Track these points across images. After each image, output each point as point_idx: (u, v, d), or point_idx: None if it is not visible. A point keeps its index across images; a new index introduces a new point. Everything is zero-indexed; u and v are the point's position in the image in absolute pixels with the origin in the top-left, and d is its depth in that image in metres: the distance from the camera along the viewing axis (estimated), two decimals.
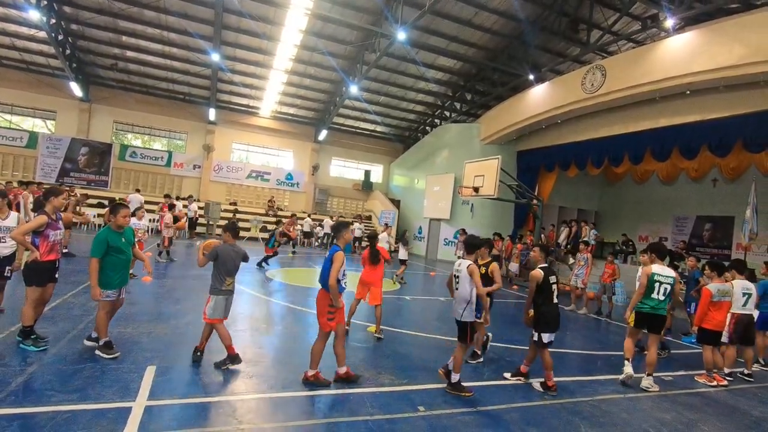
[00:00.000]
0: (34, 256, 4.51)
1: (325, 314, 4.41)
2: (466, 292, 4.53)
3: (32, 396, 3.56)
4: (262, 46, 18.75)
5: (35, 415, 3.28)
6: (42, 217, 4.57)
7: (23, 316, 4.54)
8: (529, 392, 4.90)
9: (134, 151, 23.49)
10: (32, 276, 4.54)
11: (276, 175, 26.31)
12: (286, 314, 7.58)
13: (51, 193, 4.81)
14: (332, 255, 4.32)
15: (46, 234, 4.60)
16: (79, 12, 16.99)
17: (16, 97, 21.34)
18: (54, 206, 4.73)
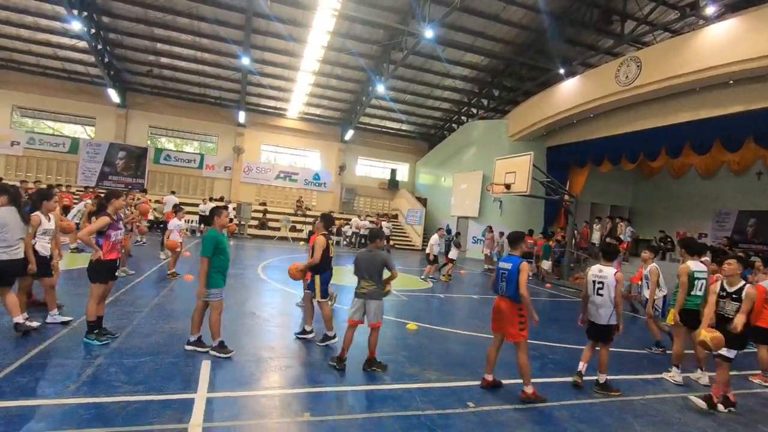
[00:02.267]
0: (98, 255, 4.72)
1: (516, 324, 4.34)
2: (611, 298, 4.65)
3: (103, 386, 3.77)
4: (290, 48, 19.04)
5: (109, 404, 3.47)
6: (105, 218, 4.79)
7: (88, 312, 4.77)
8: (576, 389, 4.84)
9: (168, 154, 24.27)
10: (96, 274, 4.77)
11: (303, 176, 26.69)
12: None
13: (112, 195, 5.02)
14: (519, 265, 4.28)
15: (108, 234, 4.83)
16: (117, 21, 17.68)
17: (59, 105, 22.38)
18: (115, 207, 4.95)
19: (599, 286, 4.77)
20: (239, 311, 6.87)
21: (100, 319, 4.90)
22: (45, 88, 21.74)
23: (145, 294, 7.49)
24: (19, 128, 22.23)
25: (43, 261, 5.17)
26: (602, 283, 4.74)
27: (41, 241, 5.19)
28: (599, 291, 4.76)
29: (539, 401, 4.31)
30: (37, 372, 3.94)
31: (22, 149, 21.71)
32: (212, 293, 4.72)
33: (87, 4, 16.26)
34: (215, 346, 4.76)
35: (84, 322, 5.00)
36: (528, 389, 4.32)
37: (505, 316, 4.40)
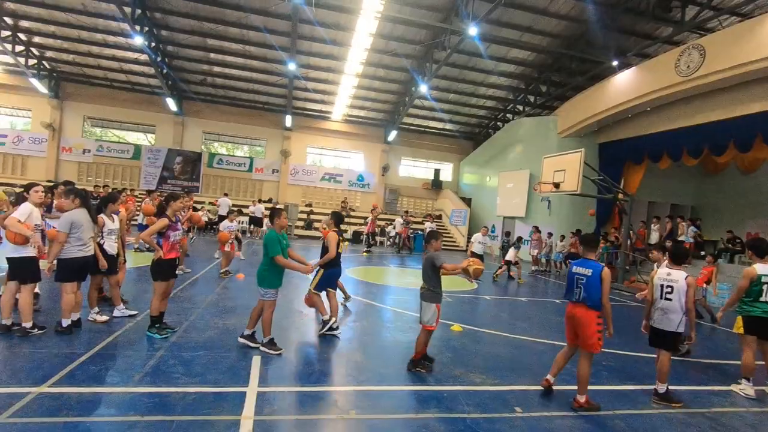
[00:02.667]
0: (159, 254, 5.03)
1: (594, 334, 4.11)
2: (681, 304, 4.47)
3: (163, 377, 4.02)
4: (334, 52, 19.40)
5: (169, 394, 3.70)
6: (164, 220, 5.08)
7: (151, 308, 5.12)
8: (634, 398, 4.59)
9: (220, 158, 25.47)
10: (157, 272, 5.09)
11: (348, 177, 27.10)
12: (368, 310, 7.78)
13: (171, 198, 5.33)
14: (601, 273, 4.11)
15: (168, 235, 5.12)
16: (174, 34, 18.79)
17: (124, 115, 24.11)
18: (174, 210, 5.24)
19: (668, 291, 4.52)
20: (287, 309, 7.09)
21: (162, 314, 5.23)
22: (112, 99, 23.49)
23: (201, 291, 7.89)
24: (89, 137, 24.16)
25: (110, 259, 5.57)
26: (671, 288, 4.50)
27: (108, 240, 5.59)
28: (667, 295, 4.52)
29: (592, 409, 4.13)
30: (106, 362, 4.27)
31: (92, 156, 23.59)
32: (268, 293, 4.89)
33: (148, 19, 17.41)
34: (265, 342, 4.92)
35: (147, 317, 5.36)
36: (581, 398, 4.15)
37: (581, 325, 4.18)
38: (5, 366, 4.00)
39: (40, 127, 22.71)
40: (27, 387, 3.55)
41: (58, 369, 3.95)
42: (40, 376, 3.77)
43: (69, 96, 23.16)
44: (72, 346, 4.59)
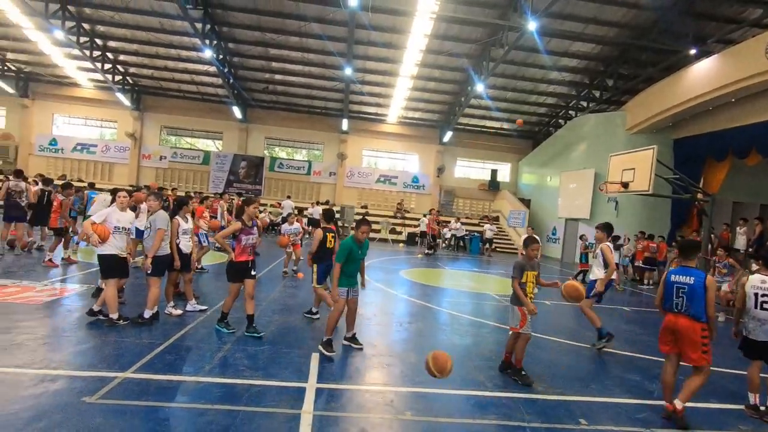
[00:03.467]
0: (230, 256, 5.24)
1: (699, 346, 3.89)
2: None
3: (230, 369, 4.26)
4: (389, 55, 19.57)
5: (235, 385, 3.92)
6: (237, 224, 5.26)
7: (224, 304, 5.42)
8: (716, 418, 4.18)
9: (281, 162, 26.61)
10: (229, 274, 5.31)
11: (403, 179, 27.19)
12: (423, 312, 7.74)
13: (247, 202, 5.44)
14: (705, 282, 3.89)
15: (240, 238, 5.24)
16: (240, 46, 19.92)
17: (195, 123, 25.95)
18: (249, 214, 5.35)
19: (764, 300, 4.13)
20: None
21: (251, 317, 5.38)
22: (184, 109, 25.37)
23: (264, 289, 8.26)
24: (165, 145, 26.23)
25: (184, 257, 5.99)
26: (765, 296, 4.12)
27: (183, 240, 6.00)
28: (764, 305, 4.13)
29: (680, 425, 3.81)
30: (180, 352, 4.61)
31: (168, 162, 25.60)
32: (338, 292, 4.99)
33: (216, 33, 18.61)
34: (324, 341, 5.00)
35: (217, 311, 5.71)
36: (679, 405, 3.84)
37: (685, 337, 3.91)
38: (96, 352, 4.45)
39: (124, 136, 25.03)
40: (114, 372, 3.92)
41: (139, 357, 4.33)
42: (125, 363, 4.15)
43: (148, 108, 25.31)
44: (151, 336, 5.00)
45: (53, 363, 4.07)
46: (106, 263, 5.27)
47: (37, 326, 5.02)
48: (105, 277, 5.35)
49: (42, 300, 6.08)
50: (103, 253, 5.25)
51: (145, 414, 3.29)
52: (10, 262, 8.54)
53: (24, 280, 7.12)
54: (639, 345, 6.55)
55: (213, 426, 3.19)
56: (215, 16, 17.81)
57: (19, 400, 3.32)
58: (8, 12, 18.14)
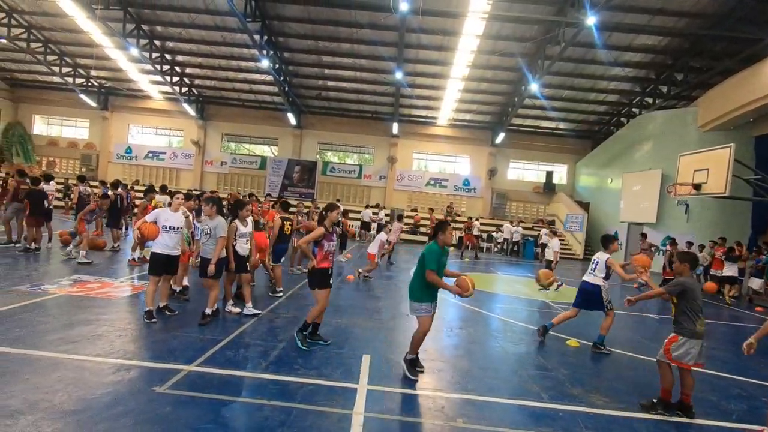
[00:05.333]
0: (312, 263, 5.05)
1: None
2: None
3: (285, 367, 4.41)
4: (440, 57, 19.46)
5: (290, 383, 4.05)
6: (320, 229, 5.04)
7: (310, 314, 5.18)
8: None
9: (333, 166, 27.24)
10: (313, 281, 5.13)
11: (453, 181, 26.88)
12: (475, 318, 7.59)
13: (328, 208, 5.23)
14: None
15: (322, 245, 5.08)
16: (294, 55, 20.69)
17: (252, 130, 27.24)
18: (330, 220, 5.16)
19: None
20: (395, 312, 7.27)
21: (317, 326, 5.25)
22: (243, 117, 26.72)
23: None
24: (225, 151, 27.73)
25: (241, 260, 6.21)
26: None
27: (240, 242, 6.19)
28: None
29: None
30: (239, 349, 4.83)
31: (228, 168, 27.05)
32: (421, 308, 4.51)
33: (273, 44, 19.45)
34: (407, 359, 4.55)
35: (269, 312, 5.91)
36: None
37: None
38: (164, 345, 4.77)
39: (189, 144, 26.79)
40: (180, 365, 4.19)
41: (202, 351, 4.59)
42: (190, 356, 4.42)
43: (211, 116, 26.91)
44: (213, 332, 5.30)
45: (128, 354, 4.43)
46: (153, 260, 5.64)
47: (115, 319, 5.48)
48: (150, 272, 5.64)
49: (119, 295, 6.63)
50: (153, 250, 5.65)
51: (208, 406, 3.49)
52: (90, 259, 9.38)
53: (103, 276, 7.80)
54: (716, 362, 6.02)
55: (269, 421, 3.32)
56: (272, 28, 18.62)
57: (101, 386, 3.64)
58: (92, 33, 20.08)
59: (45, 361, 4.00)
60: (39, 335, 4.62)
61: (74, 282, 7.11)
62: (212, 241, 5.66)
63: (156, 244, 5.63)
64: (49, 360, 4.04)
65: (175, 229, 5.71)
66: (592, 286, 6.10)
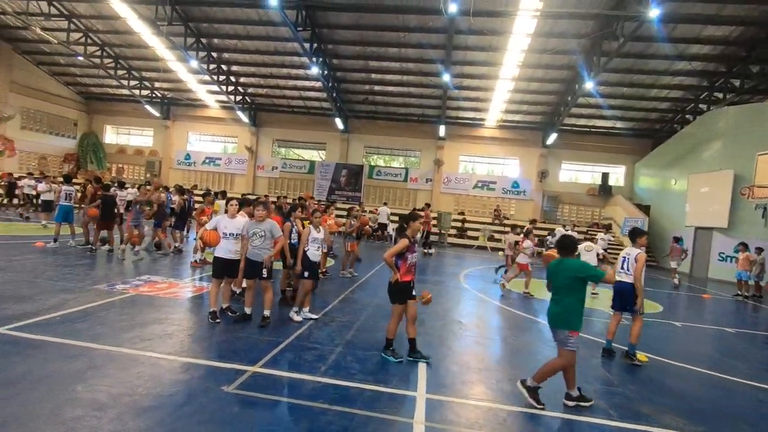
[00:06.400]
0: (395, 276, 4.82)
1: None
2: None
3: (343, 372, 4.47)
4: (489, 58, 19.12)
5: (349, 388, 4.09)
6: (404, 241, 4.83)
7: (388, 329, 5.05)
8: None
9: (379, 170, 27.46)
10: (393, 294, 4.93)
11: (501, 184, 26.26)
12: (530, 326, 7.34)
13: (410, 217, 5.02)
14: None
15: (406, 257, 4.85)
16: (342, 61, 21.09)
17: (301, 135, 28.03)
18: (413, 230, 4.92)
19: None
20: (447, 318, 7.19)
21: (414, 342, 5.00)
22: (293, 123, 27.55)
23: (368, 294, 8.55)
24: (276, 156, 28.71)
25: (312, 265, 6.12)
26: None
27: (312, 248, 6.15)
28: None
29: None
30: (298, 352, 4.95)
31: (279, 173, 27.98)
32: (571, 339, 4.00)
33: (322, 51, 19.93)
34: (530, 385, 4.11)
35: (326, 316, 6.01)
36: None
37: None
38: (228, 345, 4.98)
39: (243, 150, 27.98)
40: (245, 365, 4.36)
41: (265, 353, 4.75)
42: (253, 357, 4.59)
43: (263, 123, 27.97)
44: (272, 334, 5.46)
45: (197, 352, 4.67)
46: (215, 264, 5.93)
47: (182, 319, 5.80)
48: (213, 275, 5.92)
49: (185, 296, 7.01)
50: (215, 255, 5.91)
51: (273, 407, 3.60)
52: (157, 261, 10.00)
53: (170, 277, 8.29)
54: None
55: (332, 426, 3.37)
56: (321, 36, 19.08)
57: (175, 383, 3.86)
58: (157, 48, 21.51)
59: (125, 358, 4.30)
60: (118, 332, 4.97)
61: (144, 282, 7.60)
62: (266, 243, 5.80)
63: (217, 249, 5.88)
64: (128, 356, 4.33)
65: (234, 235, 5.90)
66: (627, 285, 5.68)
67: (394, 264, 4.82)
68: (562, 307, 4.06)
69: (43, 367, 3.90)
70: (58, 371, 3.85)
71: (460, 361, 5.20)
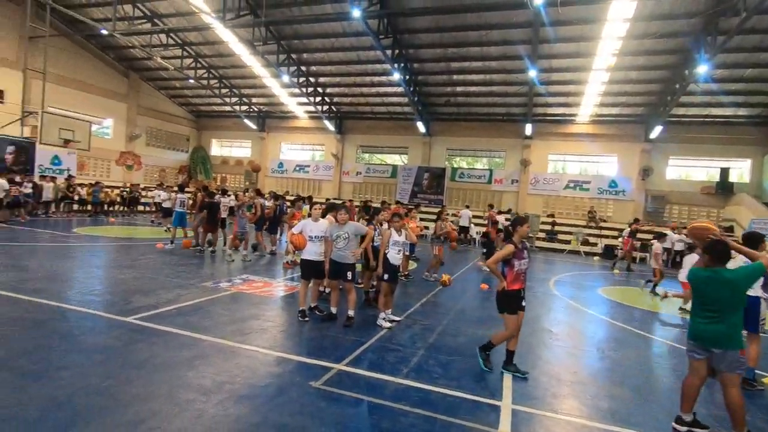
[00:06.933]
0: (502, 285, 4.60)
1: None
2: None
3: (425, 375, 4.45)
4: (580, 49, 17.83)
5: (431, 392, 4.07)
6: (509, 247, 4.57)
7: (506, 342, 4.74)
8: None
9: (462, 171, 26.99)
10: (502, 304, 4.70)
11: (597, 183, 24.25)
12: (630, 339, 6.66)
13: (518, 221, 4.76)
14: None
15: (513, 263, 4.59)
16: (424, 65, 21.16)
17: (384, 140, 28.61)
18: (520, 235, 4.66)
19: None
20: (536, 326, 6.83)
21: (512, 354, 4.75)
22: (376, 128, 28.26)
23: (451, 298, 8.44)
24: (360, 162, 29.63)
25: (392, 268, 6.17)
26: None
27: (392, 251, 6.20)
28: None
29: None
30: (381, 353, 5.05)
31: (363, 178, 28.85)
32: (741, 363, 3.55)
33: (403, 56, 20.19)
34: (685, 420, 3.66)
35: (407, 318, 6.03)
36: None
37: None
38: (316, 342, 5.25)
39: (329, 157, 29.34)
40: (331, 362, 4.55)
41: (349, 352, 4.92)
42: (338, 355, 4.77)
43: (347, 130, 29.09)
44: (356, 334, 5.64)
45: (287, 348, 4.98)
46: (303, 265, 6.26)
47: (275, 315, 6.23)
48: (301, 276, 6.25)
49: (278, 294, 7.54)
50: (302, 257, 6.23)
51: (356, 405, 3.70)
52: (255, 262, 10.87)
53: (265, 277, 8.97)
54: None
55: (414, 429, 3.38)
56: (402, 41, 19.34)
57: (268, 375, 4.16)
58: (254, 67, 23.52)
59: (227, 349, 4.74)
60: (221, 326, 5.50)
61: (243, 281, 8.31)
62: (350, 245, 6.00)
63: (304, 251, 6.21)
64: (229, 348, 4.77)
65: (318, 238, 6.17)
66: (750, 299, 4.63)
67: (499, 271, 4.61)
68: (728, 325, 3.49)
69: (162, 353, 4.45)
70: (173, 358, 4.36)
71: (550, 372, 4.90)
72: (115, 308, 5.86)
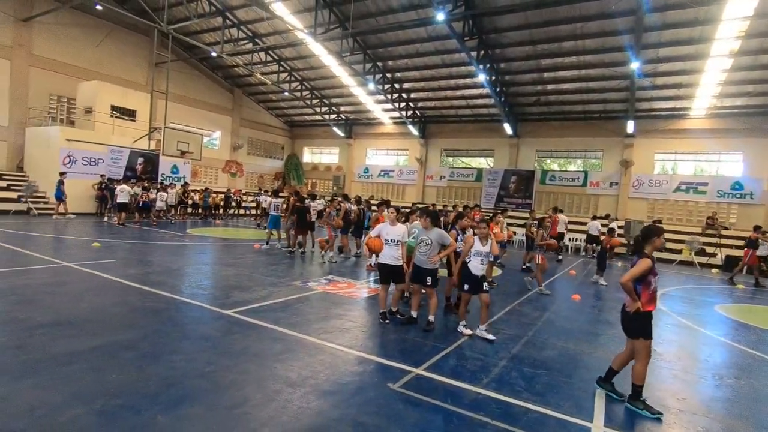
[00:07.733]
0: (636, 305, 4.01)
1: None
2: None
3: (507, 387, 4.27)
4: (694, 34, 15.85)
5: (513, 405, 3.89)
6: (646, 261, 3.96)
7: (634, 374, 4.10)
8: None
9: (553, 174, 25.43)
10: (637, 329, 4.06)
11: (716, 185, 21.25)
12: (757, 366, 5.71)
13: (652, 232, 4.10)
14: None
15: (649, 281, 4.01)
16: (511, 64, 20.39)
17: (469, 144, 28.07)
18: (654, 247, 4.06)
19: None
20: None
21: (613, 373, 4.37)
22: (460, 132, 27.84)
23: (538, 308, 7.98)
24: (444, 165, 29.39)
25: (474, 280, 5.84)
26: None
27: (474, 261, 5.91)
28: None
29: None
30: (460, 360, 4.95)
31: (446, 182, 28.58)
32: None
33: (489, 57, 19.67)
34: None
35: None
36: None
37: None
38: (395, 345, 5.30)
39: (413, 161, 29.55)
40: (409, 366, 4.57)
41: (428, 357, 4.90)
42: (417, 360, 4.78)
43: (431, 135, 29.06)
44: (436, 339, 5.59)
45: (368, 348, 5.11)
46: (380, 269, 6.34)
47: (357, 316, 6.43)
48: (380, 281, 6.30)
49: (361, 295, 7.77)
50: (379, 261, 6.31)
51: (435, 411, 3.67)
52: (341, 263, 11.32)
53: (349, 278, 9.30)
54: None
55: None
56: (488, 41, 18.85)
57: (349, 374, 4.31)
58: (342, 77, 24.63)
59: (312, 345, 5.00)
60: (308, 323, 5.82)
61: (329, 281, 8.71)
62: (432, 251, 5.96)
63: (381, 255, 6.27)
64: (314, 344, 5.03)
65: (395, 242, 6.18)
66: None
67: (633, 290, 4.00)
68: None
69: (255, 345, 4.84)
70: (264, 350, 4.71)
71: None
72: (217, 301, 6.51)
